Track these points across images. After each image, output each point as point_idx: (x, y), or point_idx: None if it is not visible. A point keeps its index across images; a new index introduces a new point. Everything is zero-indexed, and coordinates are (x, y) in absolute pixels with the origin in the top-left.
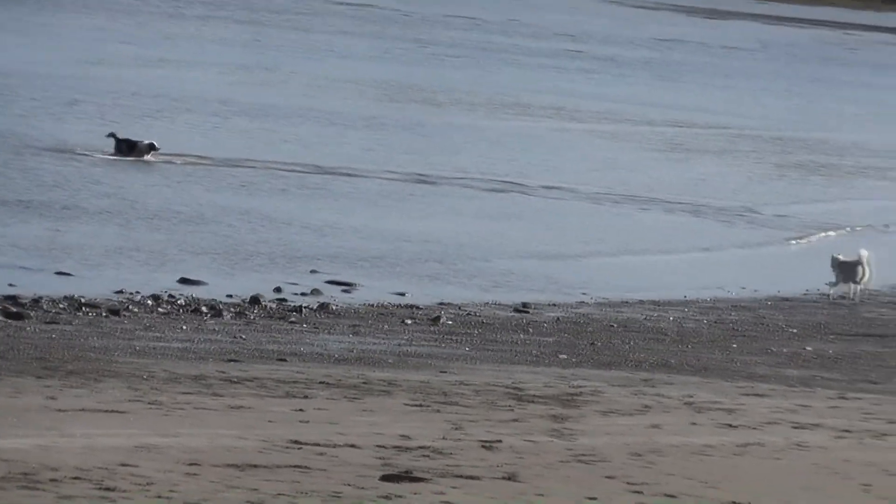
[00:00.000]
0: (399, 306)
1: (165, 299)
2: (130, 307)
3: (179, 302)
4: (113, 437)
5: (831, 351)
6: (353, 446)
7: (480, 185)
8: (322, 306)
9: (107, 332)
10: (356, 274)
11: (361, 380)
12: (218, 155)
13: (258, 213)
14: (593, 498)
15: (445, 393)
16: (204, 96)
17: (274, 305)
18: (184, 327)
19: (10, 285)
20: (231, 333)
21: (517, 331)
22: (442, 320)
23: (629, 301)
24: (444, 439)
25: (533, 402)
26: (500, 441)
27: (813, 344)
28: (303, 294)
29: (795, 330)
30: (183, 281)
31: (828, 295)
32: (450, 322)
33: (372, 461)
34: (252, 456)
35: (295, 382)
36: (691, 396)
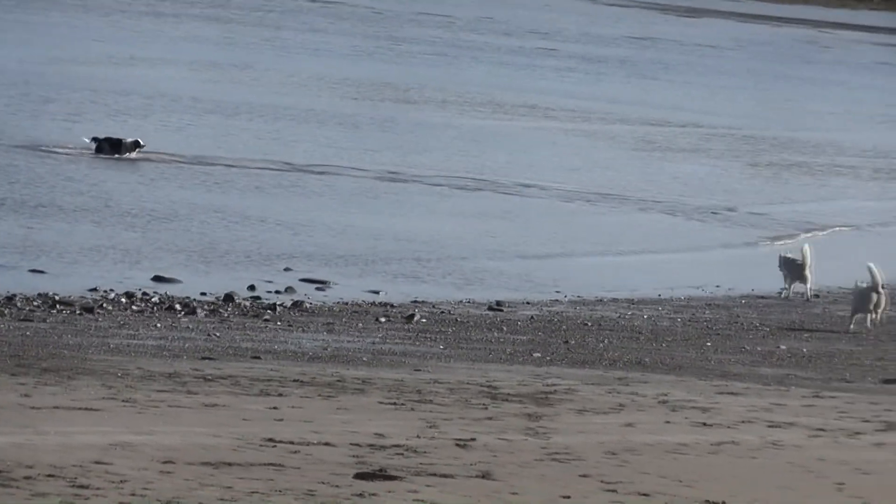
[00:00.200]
0: (373, 304)
1: (139, 297)
2: (104, 305)
3: (153, 300)
4: (87, 435)
5: (806, 349)
6: (328, 444)
7: (454, 184)
8: (296, 304)
9: (81, 330)
10: (330, 272)
11: (336, 378)
12: (191, 153)
13: (232, 211)
14: (567, 496)
15: (420, 391)
16: (176, 94)
17: (248, 303)
18: (158, 325)
19: None
20: (205, 331)
21: (491, 329)
22: (416, 318)
23: (603, 299)
24: (419, 437)
25: (507, 401)
26: (475, 439)
27: (787, 342)
28: (277, 292)
29: (770, 328)
30: (157, 279)
31: (779, 293)
32: (424, 320)
33: (346, 459)
34: (226, 454)
35: (269, 380)
36: (666, 395)
